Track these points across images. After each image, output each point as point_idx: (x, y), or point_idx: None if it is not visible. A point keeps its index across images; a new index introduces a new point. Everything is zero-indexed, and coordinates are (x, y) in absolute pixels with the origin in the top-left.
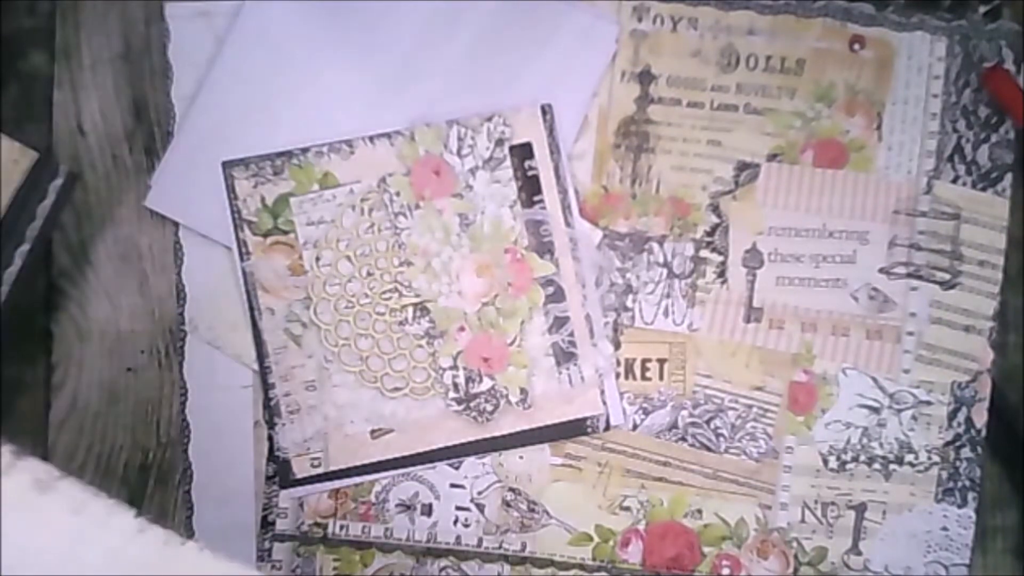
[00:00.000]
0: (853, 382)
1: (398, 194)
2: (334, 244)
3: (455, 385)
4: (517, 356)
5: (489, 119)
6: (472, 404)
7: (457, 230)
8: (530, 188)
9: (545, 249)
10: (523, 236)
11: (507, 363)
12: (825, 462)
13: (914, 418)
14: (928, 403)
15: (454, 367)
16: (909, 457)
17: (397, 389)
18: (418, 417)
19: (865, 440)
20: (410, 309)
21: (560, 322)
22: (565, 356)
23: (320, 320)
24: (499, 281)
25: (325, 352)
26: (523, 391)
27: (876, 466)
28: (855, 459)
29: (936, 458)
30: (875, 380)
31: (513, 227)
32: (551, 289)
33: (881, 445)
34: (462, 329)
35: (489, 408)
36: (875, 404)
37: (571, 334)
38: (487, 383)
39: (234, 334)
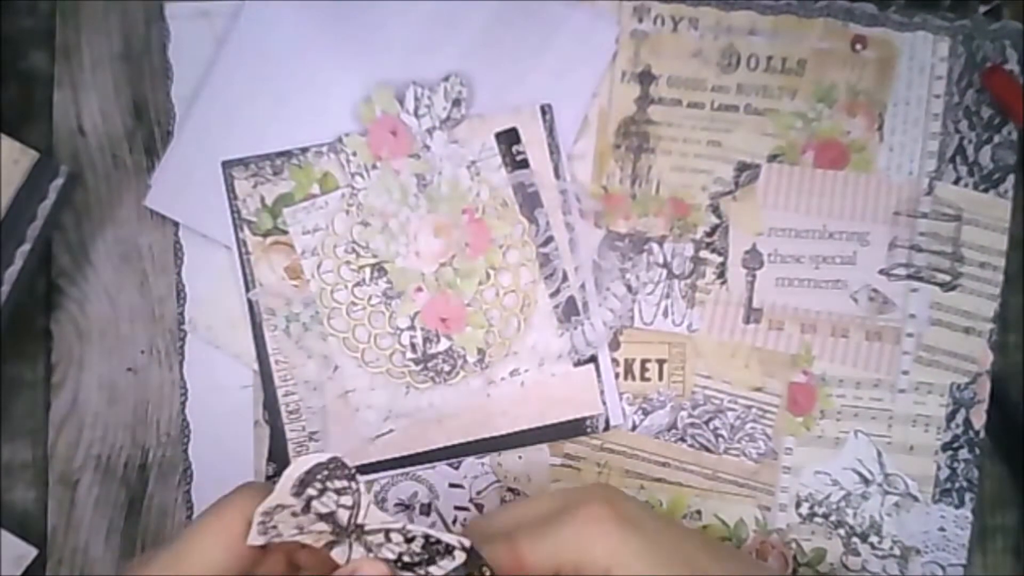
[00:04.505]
0: (860, 446)
1: (355, 154)
2: (332, 251)
3: (412, 345)
4: (475, 317)
5: (446, 79)
6: (430, 364)
7: (414, 191)
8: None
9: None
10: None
11: (465, 324)
12: (797, 505)
13: (896, 505)
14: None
15: (411, 327)
16: (873, 539)
17: (431, 380)
18: (459, 401)
19: (843, 504)
20: (367, 270)
21: (559, 284)
22: (567, 315)
23: (335, 329)
24: (456, 242)
25: (347, 358)
26: (480, 352)
27: (840, 532)
28: (825, 516)
29: (897, 551)
30: (879, 453)
31: (471, 188)
32: (547, 250)
33: (855, 515)
34: (419, 290)
35: (447, 369)
36: (868, 476)
37: (570, 296)
38: (444, 343)
39: (234, 334)
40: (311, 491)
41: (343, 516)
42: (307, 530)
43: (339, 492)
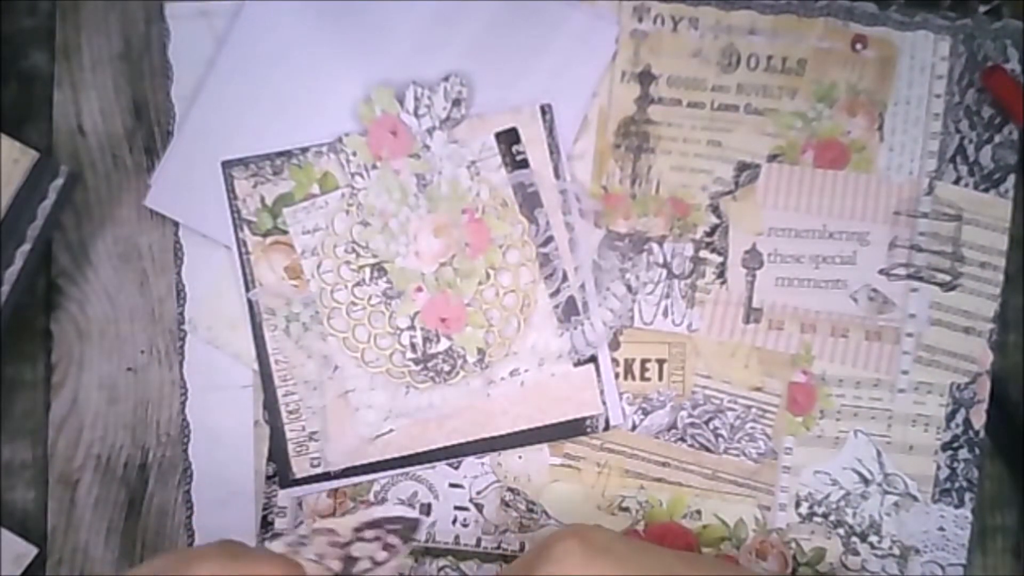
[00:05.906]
0: (860, 446)
1: (355, 154)
2: (331, 251)
3: (412, 345)
4: (475, 316)
5: (446, 79)
6: (430, 364)
7: (414, 190)
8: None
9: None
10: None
11: (464, 323)
12: (797, 504)
13: (896, 505)
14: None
15: (411, 327)
16: (873, 539)
17: (431, 380)
18: (459, 401)
19: (843, 504)
20: (367, 270)
21: (559, 284)
22: (567, 315)
23: (335, 329)
24: (456, 241)
25: (347, 358)
26: (480, 352)
27: (840, 531)
28: (824, 516)
29: (896, 551)
30: (878, 453)
31: (471, 187)
32: (547, 250)
33: (854, 515)
34: (419, 289)
35: (447, 369)
36: (868, 475)
37: (570, 296)
38: (444, 343)
39: (234, 334)
40: (368, 533)
41: (362, 566)
42: (322, 561)
43: (385, 547)
